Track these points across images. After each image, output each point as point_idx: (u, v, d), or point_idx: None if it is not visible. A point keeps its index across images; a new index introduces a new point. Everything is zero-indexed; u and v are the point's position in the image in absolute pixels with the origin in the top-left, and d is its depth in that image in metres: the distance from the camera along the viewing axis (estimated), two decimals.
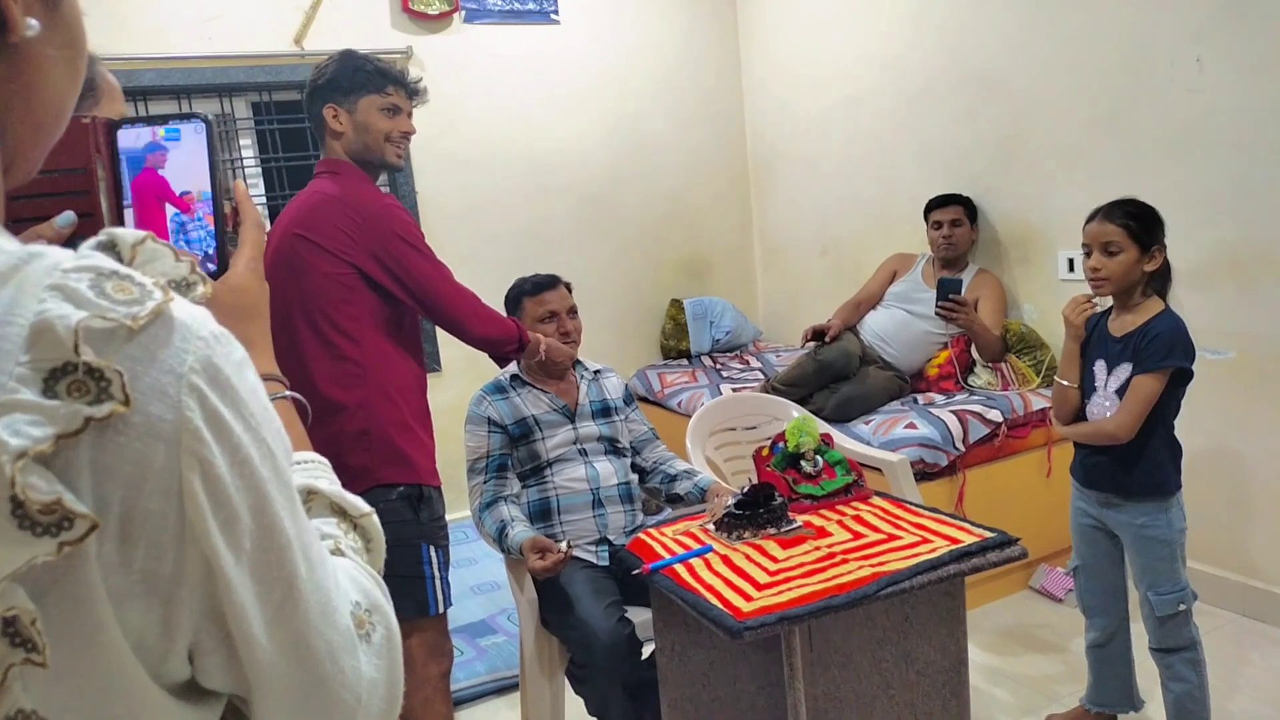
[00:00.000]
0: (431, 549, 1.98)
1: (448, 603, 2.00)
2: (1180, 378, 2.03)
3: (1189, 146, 2.83)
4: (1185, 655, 2.09)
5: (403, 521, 1.92)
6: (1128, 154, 3.01)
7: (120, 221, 0.76)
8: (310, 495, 0.70)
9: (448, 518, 2.11)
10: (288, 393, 0.80)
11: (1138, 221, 2.02)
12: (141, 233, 0.58)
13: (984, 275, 3.48)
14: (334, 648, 0.57)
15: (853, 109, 4.16)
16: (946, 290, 3.23)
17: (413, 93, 2.06)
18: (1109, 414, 2.09)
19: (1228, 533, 2.89)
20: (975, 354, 3.42)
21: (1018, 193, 3.44)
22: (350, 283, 1.92)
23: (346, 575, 0.63)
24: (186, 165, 0.77)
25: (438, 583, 1.97)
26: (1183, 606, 2.07)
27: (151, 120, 0.78)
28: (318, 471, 0.74)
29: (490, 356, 2.16)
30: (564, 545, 2.07)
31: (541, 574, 2.07)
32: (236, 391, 0.53)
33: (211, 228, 0.79)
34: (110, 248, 0.56)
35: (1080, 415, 2.18)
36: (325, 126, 2.01)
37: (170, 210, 0.77)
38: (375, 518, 0.72)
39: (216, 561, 0.51)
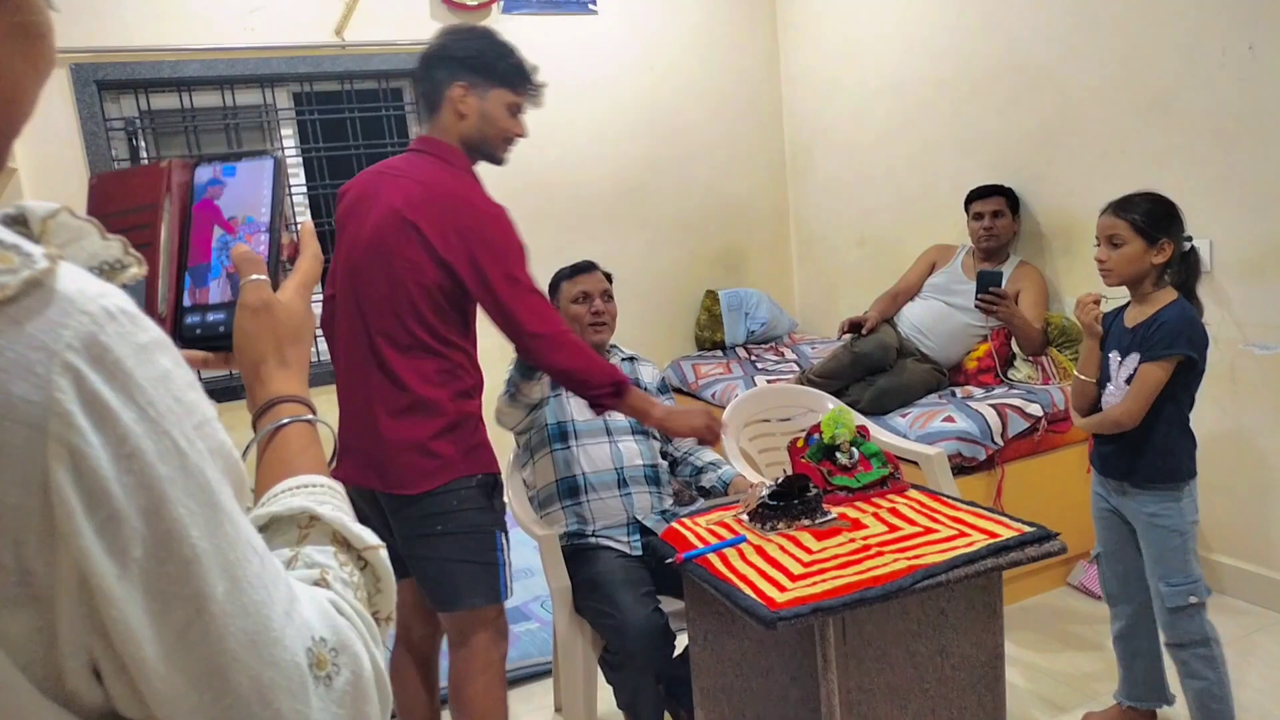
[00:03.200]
0: (503, 535, 2.01)
1: (511, 588, 2.03)
2: (1188, 367, 2.03)
3: (1240, 137, 2.76)
4: (1199, 651, 2.06)
5: (480, 509, 1.94)
6: (1176, 144, 2.94)
7: (184, 246, 0.84)
8: (310, 520, 0.65)
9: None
10: (310, 417, 0.75)
11: (1143, 215, 2.05)
12: (54, 205, 0.56)
13: (1025, 267, 3.43)
14: (264, 685, 0.50)
15: (892, 98, 4.11)
16: (986, 282, 3.18)
17: (537, 99, 2.04)
18: None
19: (1250, 525, 2.83)
20: (1015, 347, 3.38)
21: (1061, 183, 3.38)
22: (443, 283, 1.86)
23: (316, 608, 0.56)
24: (243, 196, 0.85)
25: (508, 569, 2.00)
26: (1193, 599, 2.04)
27: (227, 158, 0.88)
28: (324, 496, 0.68)
29: (586, 400, 1.97)
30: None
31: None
32: (130, 376, 0.47)
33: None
34: (19, 220, 0.53)
35: (1098, 407, 2.19)
36: (445, 101, 1.92)
37: (217, 231, 0.84)
38: (384, 552, 0.67)
39: (89, 566, 0.45)
